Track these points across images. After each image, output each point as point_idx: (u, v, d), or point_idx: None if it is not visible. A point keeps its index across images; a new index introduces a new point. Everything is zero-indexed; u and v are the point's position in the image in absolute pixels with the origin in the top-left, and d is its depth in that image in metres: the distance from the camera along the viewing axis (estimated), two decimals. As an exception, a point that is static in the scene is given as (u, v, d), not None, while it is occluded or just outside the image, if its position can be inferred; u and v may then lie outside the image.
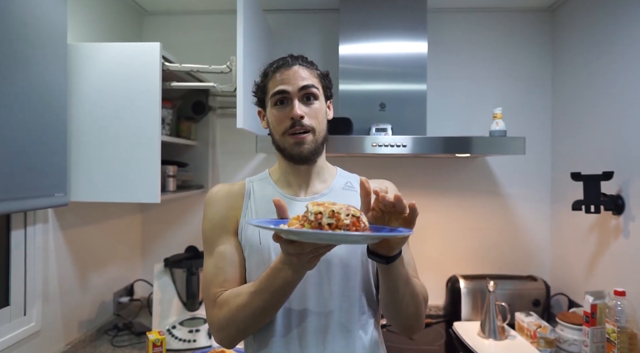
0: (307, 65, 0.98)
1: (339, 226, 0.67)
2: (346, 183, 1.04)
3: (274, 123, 0.97)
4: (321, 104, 0.98)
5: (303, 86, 0.94)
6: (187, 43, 2.12)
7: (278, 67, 0.97)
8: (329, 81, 1.03)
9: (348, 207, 0.70)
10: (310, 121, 0.94)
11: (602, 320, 1.48)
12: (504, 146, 1.65)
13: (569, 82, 1.96)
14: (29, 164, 1.24)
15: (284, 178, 1.02)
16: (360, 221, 0.69)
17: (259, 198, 1.00)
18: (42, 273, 1.47)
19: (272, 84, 0.97)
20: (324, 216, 0.68)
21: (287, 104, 0.95)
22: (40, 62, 1.28)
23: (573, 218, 1.87)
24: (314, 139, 0.95)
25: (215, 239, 0.98)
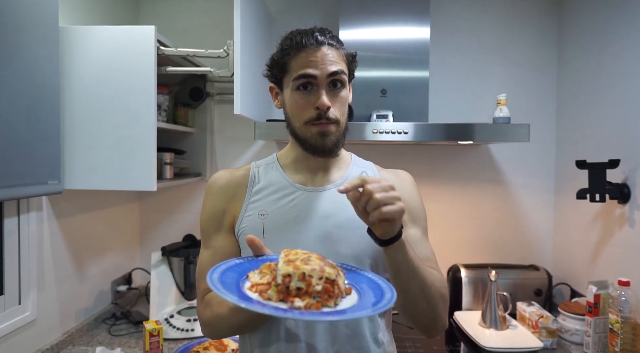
0: (336, 45, 0.88)
1: (309, 292, 0.59)
2: (361, 173, 0.96)
3: (294, 109, 0.88)
4: (347, 91, 0.90)
5: (333, 72, 0.85)
6: (184, 27, 2.07)
7: (304, 44, 0.85)
8: (356, 63, 0.93)
9: (323, 267, 0.62)
10: (336, 112, 0.86)
11: (606, 310, 1.46)
12: (508, 133, 1.61)
13: (575, 68, 1.91)
14: (21, 151, 1.21)
15: (295, 164, 0.95)
16: (336, 285, 0.61)
17: (264, 185, 0.93)
18: (37, 261, 1.44)
19: (296, 63, 0.86)
20: (293, 279, 0.60)
21: (312, 90, 0.86)
22: (31, 46, 1.24)
23: (577, 206, 1.84)
24: (338, 130, 0.88)
25: (210, 232, 0.94)
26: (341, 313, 0.58)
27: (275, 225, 0.88)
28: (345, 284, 0.66)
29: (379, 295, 0.64)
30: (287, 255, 0.66)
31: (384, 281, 0.69)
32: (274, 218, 0.89)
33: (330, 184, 0.93)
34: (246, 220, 0.90)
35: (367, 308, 0.59)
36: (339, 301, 0.62)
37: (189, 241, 1.89)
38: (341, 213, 0.88)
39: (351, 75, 0.93)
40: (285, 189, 0.92)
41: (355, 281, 0.70)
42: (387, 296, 0.63)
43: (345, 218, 0.87)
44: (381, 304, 0.60)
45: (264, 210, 0.90)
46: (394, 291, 0.65)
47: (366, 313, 0.58)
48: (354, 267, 0.76)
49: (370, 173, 0.98)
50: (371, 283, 0.69)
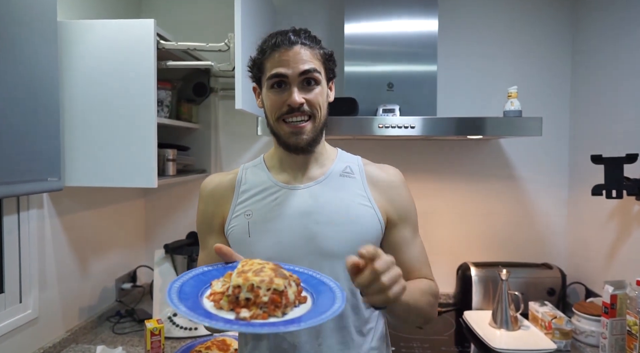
0: (310, 44, 0.89)
1: (257, 303, 0.62)
2: (345, 168, 0.96)
3: (269, 107, 0.91)
4: (322, 88, 0.90)
5: (304, 71, 0.86)
6: (186, 21, 2.04)
7: (277, 45, 0.88)
8: (333, 61, 0.95)
9: (272, 279, 0.63)
10: (309, 108, 0.88)
11: (623, 312, 1.40)
12: (519, 126, 1.55)
13: (590, 59, 1.83)
14: (20, 147, 1.19)
15: (279, 164, 0.97)
16: (284, 296, 0.63)
17: (250, 186, 0.96)
18: (38, 259, 1.43)
19: (270, 63, 0.88)
20: (242, 290, 0.62)
21: (284, 88, 0.88)
22: (29, 41, 1.22)
23: (592, 203, 1.77)
24: (313, 128, 0.89)
25: (204, 235, 0.99)
26: (279, 325, 0.59)
27: (259, 225, 0.90)
28: (299, 294, 0.67)
29: (327, 305, 0.65)
30: (243, 265, 0.68)
31: (340, 289, 0.70)
32: (259, 217, 0.91)
33: (311, 181, 0.94)
34: (234, 221, 0.93)
35: (309, 319, 0.60)
36: (288, 311, 0.63)
37: (193, 239, 1.87)
38: (323, 210, 0.89)
39: (330, 73, 0.94)
40: (270, 189, 0.94)
41: (316, 289, 0.71)
42: (335, 307, 0.63)
43: (327, 215, 0.89)
44: (325, 315, 0.61)
45: (249, 210, 0.92)
46: (344, 300, 0.66)
47: (298, 327, 0.59)
48: (317, 274, 0.76)
49: (355, 167, 0.97)
50: (329, 293, 0.69)
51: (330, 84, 0.95)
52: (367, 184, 0.94)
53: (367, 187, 0.94)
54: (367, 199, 0.92)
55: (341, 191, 0.92)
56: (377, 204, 0.92)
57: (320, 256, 0.87)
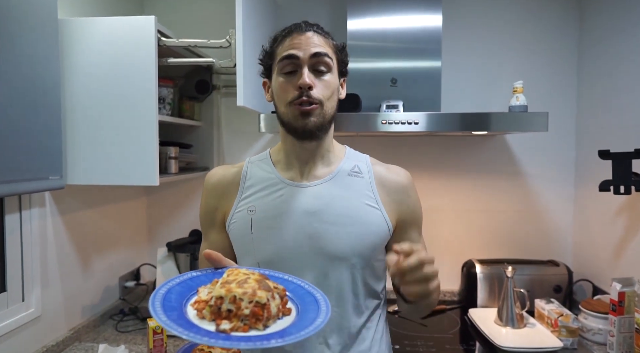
0: (322, 33, 0.89)
1: (238, 315, 0.61)
2: (353, 167, 0.94)
3: (278, 92, 0.88)
4: (333, 77, 0.88)
5: (315, 53, 0.85)
6: (188, 18, 2.03)
7: (290, 31, 0.88)
8: (345, 55, 0.93)
9: (255, 291, 0.62)
10: (319, 93, 0.85)
11: (631, 309, 1.38)
12: (525, 122, 1.53)
13: (597, 53, 1.80)
14: (21, 146, 1.19)
15: (286, 159, 0.94)
16: (265, 309, 0.62)
17: (255, 181, 0.93)
18: (41, 258, 1.43)
19: (281, 49, 0.88)
20: (224, 301, 0.61)
21: (295, 72, 0.86)
22: (30, 39, 1.21)
23: (599, 199, 1.75)
24: (322, 113, 0.86)
25: (206, 228, 0.99)
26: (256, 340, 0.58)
27: (262, 222, 0.88)
28: (283, 306, 0.66)
29: (310, 319, 0.64)
30: (228, 274, 0.67)
31: (326, 302, 0.68)
32: (262, 214, 0.89)
33: (318, 179, 0.91)
34: (236, 216, 0.91)
35: (290, 334, 0.59)
36: (270, 324, 0.62)
37: (195, 237, 1.86)
38: (329, 210, 0.87)
39: (341, 66, 0.92)
40: (275, 185, 0.91)
41: (302, 300, 0.69)
42: (317, 322, 0.62)
43: (334, 215, 0.86)
44: (305, 331, 0.60)
45: (253, 206, 0.90)
46: (328, 314, 0.65)
47: (275, 344, 0.57)
48: (306, 284, 0.74)
49: (363, 166, 0.95)
50: (314, 305, 0.68)
51: (341, 80, 0.94)
52: (375, 185, 0.92)
53: (375, 188, 0.92)
54: (375, 200, 0.90)
55: (349, 190, 0.90)
56: (384, 207, 0.90)
57: (323, 257, 0.86)
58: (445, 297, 2.01)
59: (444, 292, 2.01)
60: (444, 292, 2.01)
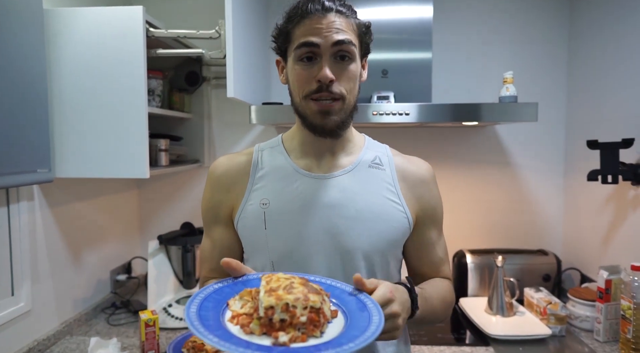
0: (346, 12, 0.79)
1: (294, 324, 0.55)
2: (374, 158, 0.87)
3: (294, 82, 0.80)
4: (357, 65, 0.80)
5: (338, 41, 0.76)
6: (176, 8, 2.00)
7: (309, 11, 0.77)
8: (370, 34, 0.84)
9: (307, 296, 0.57)
10: (341, 87, 0.78)
11: (617, 296, 1.40)
12: (515, 112, 1.54)
13: (587, 43, 1.81)
14: (8, 139, 1.17)
15: (301, 147, 0.87)
16: (321, 314, 0.57)
17: (267, 171, 0.86)
18: (30, 252, 1.41)
19: (300, 31, 0.78)
20: (276, 311, 0.56)
21: (315, 61, 0.77)
22: (14, 30, 1.19)
23: (588, 189, 1.77)
24: (343, 109, 0.79)
25: (209, 222, 0.90)
26: (330, 348, 0.53)
27: (277, 215, 0.81)
28: (330, 308, 0.62)
29: (365, 318, 0.59)
30: (268, 282, 0.61)
31: (370, 299, 0.64)
32: (277, 207, 0.82)
33: (338, 170, 0.85)
34: (247, 210, 0.84)
35: (356, 338, 0.54)
36: (325, 329, 0.58)
37: (187, 229, 1.86)
38: (349, 204, 0.81)
39: (364, 49, 0.84)
40: (290, 175, 0.84)
41: (341, 301, 0.65)
42: (375, 320, 0.58)
43: (354, 209, 0.81)
44: (369, 332, 0.55)
45: (266, 199, 0.83)
46: (381, 311, 0.60)
47: (355, 347, 0.52)
48: (339, 284, 0.70)
49: (384, 158, 0.89)
50: (358, 303, 0.64)
51: (363, 61, 0.85)
52: (397, 178, 0.86)
53: (397, 181, 0.86)
54: (397, 195, 0.85)
55: (370, 183, 0.84)
56: (406, 202, 0.85)
57: (342, 254, 0.80)
58: (437, 287, 2.03)
59: (435, 282, 2.02)
60: (435, 282, 2.02)
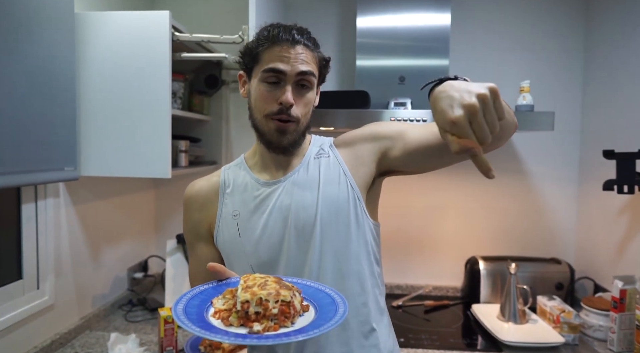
0: (311, 46, 0.88)
1: (267, 316, 0.63)
2: (318, 151, 0.95)
3: (257, 101, 0.88)
4: (313, 93, 0.90)
5: (302, 71, 0.85)
6: (199, 13, 2.04)
7: (280, 39, 0.84)
8: (327, 68, 0.93)
9: (278, 291, 0.65)
10: (297, 111, 0.86)
11: (632, 306, 1.40)
12: (531, 121, 1.56)
13: (603, 53, 1.82)
14: (38, 137, 1.21)
15: (261, 161, 0.95)
16: (291, 306, 0.65)
17: (234, 187, 0.94)
18: (54, 247, 1.46)
19: (269, 56, 0.85)
20: (251, 305, 0.64)
21: (279, 85, 0.85)
22: (46, 32, 1.23)
23: (602, 198, 1.78)
24: (296, 130, 0.88)
25: (192, 242, 0.98)
26: (297, 334, 0.61)
27: (247, 223, 0.90)
28: (301, 303, 0.69)
29: (333, 310, 0.67)
30: (245, 280, 0.69)
31: (339, 295, 0.72)
32: (245, 216, 0.90)
33: (289, 172, 0.92)
34: (222, 223, 0.92)
35: (320, 326, 0.62)
36: (295, 320, 0.66)
37: (204, 230, 1.89)
38: (301, 197, 0.89)
39: (321, 79, 0.93)
40: (252, 187, 0.93)
41: (314, 298, 0.73)
42: (340, 311, 0.66)
43: (306, 200, 0.88)
44: (332, 321, 0.63)
45: (236, 210, 0.92)
46: (346, 304, 0.68)
47: (319, 332, 0.60)
48: (312, 283, 0.78)
49: (326, 147, 0.95)
50: (327, 298, 0.72)
51: (318, 88, 0.94)
52: (338, 154, 0.93)
53: (339, 156, 0.93)
54: (342, 171, 0.91)
55: (317, 172, 0.91)
56: (352, 166, 0.91)
57: (309, 245, 0.87)
58: (449, 293, 2.04)
59: (447, 288, 2.04)
60: (447, 288, 2.04)
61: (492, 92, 0.56)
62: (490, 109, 0.56)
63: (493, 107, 0.57)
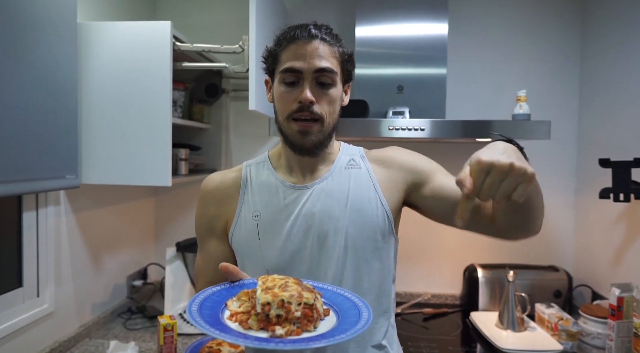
0: (330, 41, 0.85)
1: (289, 319, 0.60)
2: (349, 160, 0.93)
3: (278, 102, 0.86)
4: (337, 90, 0.86)
5: (319, 68, 0.82)
6: (200, 23, 2.07)
7: (296, 37, 0.83)
8: (352, 62, 0.89)
9: (301, 293, 0.62)
10: (320, 109, 0.83)
11: (630, 314, 1.41)
12: (528, 130, 1.57)
13: (599, 62, 1.85)
14: (40, 145, 1.22)
15: (287, 163, 0.92)
16: (314, 310, 0.61)
17: (256, 186, 0.91)
18: (55, 255, 1.46)
19: (285, 55, 0.84)
20: (272, 307, 0.60)
21: (297, 84, 0.83)
22: (49, 42, 1.25)
23: (599, 206, 1.79)
24: (321, 130, 0.84)
25: (203, 237, 0.95)
26: (322, 339, 0.57)
27: (269, 226, 0.87)
28: (322, 306, 0.66)
29: (356, 314, 0.64)
30: (264, 282, 0.66)
31: (360, 299, 0.69)
32: (267, 218, 0.87)
33: (317, 179, 0.90)
34: (240, 223, 0.89)
35: (347, 331, 0.59)
36: (318, 324, 0.62)
37: (204, 237, 1.90)
38: (330, 205, 0.87)
39: (346, 75, 0.89)
40: (277, 188, 0.90)
41: (333, 302, 0.70)
42: (365, 316, 0.63)
43: (336, 210, 0.86)
44: (359, 325, 0.60)
45: (257, 211, 0.88)
46: (370, 308, 0.66)
47: (347, 337, 0.57)
48: (330, 286, 0.75)
49: (357, 158, 0.94)
50: (347, 302, 0.69)
51: (345, 87, 0.91)
52: (372, 170, 0.92)
53: (372, 172, 0.91)
54: (374, 188, 0.89)
55: (347, 184, 0.89)
56: (383, 188, 0.89)
57: (331, 254, 0.85)
58: (447, 301, 2.04)
59: (446, 296, 2.04)
60: (446, 296, 2.04)
61: (525, 174, 0.58)
62: (512, 179, 0.58)
63: (515, 181, 0.58)
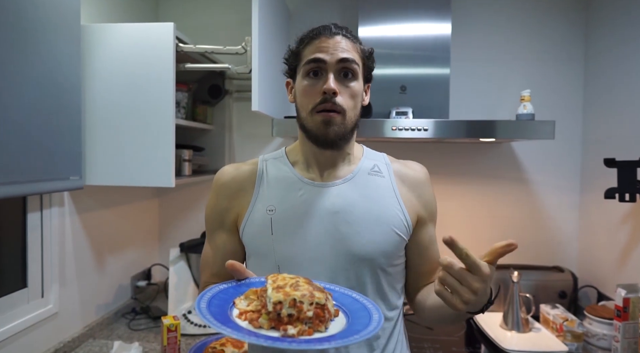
0: (351, 37, 0.87)
1: (301, 319, 0.59)
2: (373, 166, 0.92)
3: (301, 97, 0.86)
4: (359, 84, 0.87)
5: (343, 59, 0.83)
6: (203, 24, 2.08)
7: (318, 33, 0.85)
8: (372, 61, 0.91)
9: (313, 293, 0.61)
10: (343, 101, 0.83)
11: (636, 315, 1.40)
12: (532, 130, 1.56)
13: (604, 62, 1.84)
14: (44, 147, 1.23)
15: (304, 159, 0.92)
16: (326, 310, 0.61)
17: (272, 180, 0.90)
18: (59, 256, 1.47)
19: (308, 51, 0.85)
20: (284, 306, 0.59)
21: (321, 76, 0.84)
22: (53, 43, 1.26)
23: (604, 206, 1.78)
24: (343, 122, 0.84)
25: (213, 228, 0.94)
26: (336, 339, 0.57)
27: (283, 221, 0.86)
28: (333, 307, 0.66)
29: (366, 316, 0.64)
30: (274, 280, 0.65)
31: (369, 300, 0.69)
32: (283, 213, 0.86)
33: (339, 179, 0.90)
34: (253, 216, 0.88)
35: (359, 332, 0.59)
36: (329, 325, 0.62)
37: (207, 238, 1.90)
38: (352, 209, 0.86)
39: (367, 72, 0.90)
40: (294, 184, 0.89)
41: (341, 303, 0.70)
42: (375, 318, 0.63)
43: (357, 215, 0.85)
44: (371, 327, 0.60)
45: (272, 206, 0.87)
46: (380, 310, 0.66)
47: (360, 338, 0.57)
48: (338, 287, 0.75)
49: (382, 165, 0.94)
50: (356, 304, 0.69)
51: (366, 86, 0.92)
52: (395, 183, 0.91)
53: (396, 186, 0.91)
54: (397, 200, 0.89)
55: (370, 190, 0.89)
56: (405, 204, 0.90)
57: (347, 258, 0.84)
58: (451, 301, 2.03)
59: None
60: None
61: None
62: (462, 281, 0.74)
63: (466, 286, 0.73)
